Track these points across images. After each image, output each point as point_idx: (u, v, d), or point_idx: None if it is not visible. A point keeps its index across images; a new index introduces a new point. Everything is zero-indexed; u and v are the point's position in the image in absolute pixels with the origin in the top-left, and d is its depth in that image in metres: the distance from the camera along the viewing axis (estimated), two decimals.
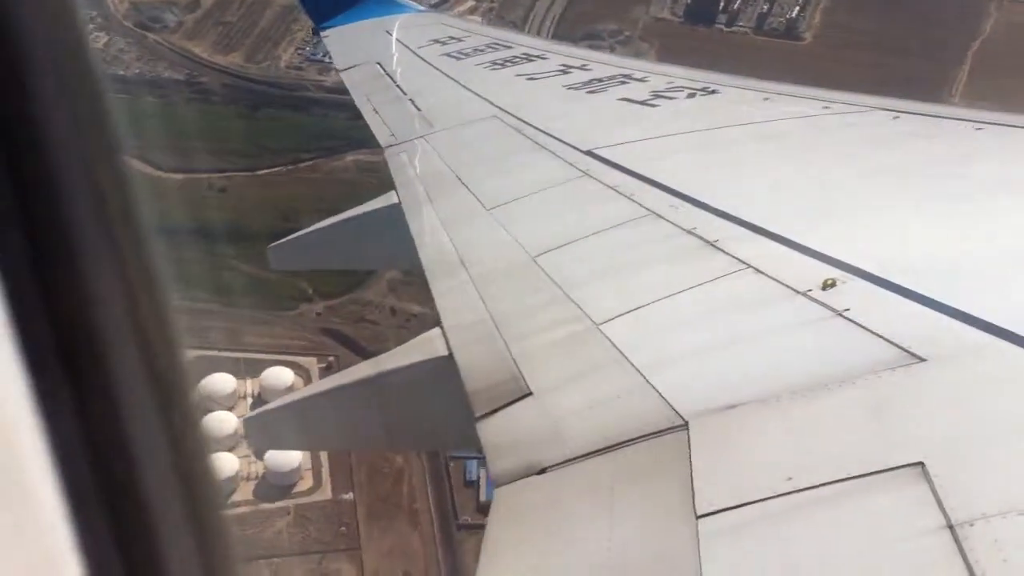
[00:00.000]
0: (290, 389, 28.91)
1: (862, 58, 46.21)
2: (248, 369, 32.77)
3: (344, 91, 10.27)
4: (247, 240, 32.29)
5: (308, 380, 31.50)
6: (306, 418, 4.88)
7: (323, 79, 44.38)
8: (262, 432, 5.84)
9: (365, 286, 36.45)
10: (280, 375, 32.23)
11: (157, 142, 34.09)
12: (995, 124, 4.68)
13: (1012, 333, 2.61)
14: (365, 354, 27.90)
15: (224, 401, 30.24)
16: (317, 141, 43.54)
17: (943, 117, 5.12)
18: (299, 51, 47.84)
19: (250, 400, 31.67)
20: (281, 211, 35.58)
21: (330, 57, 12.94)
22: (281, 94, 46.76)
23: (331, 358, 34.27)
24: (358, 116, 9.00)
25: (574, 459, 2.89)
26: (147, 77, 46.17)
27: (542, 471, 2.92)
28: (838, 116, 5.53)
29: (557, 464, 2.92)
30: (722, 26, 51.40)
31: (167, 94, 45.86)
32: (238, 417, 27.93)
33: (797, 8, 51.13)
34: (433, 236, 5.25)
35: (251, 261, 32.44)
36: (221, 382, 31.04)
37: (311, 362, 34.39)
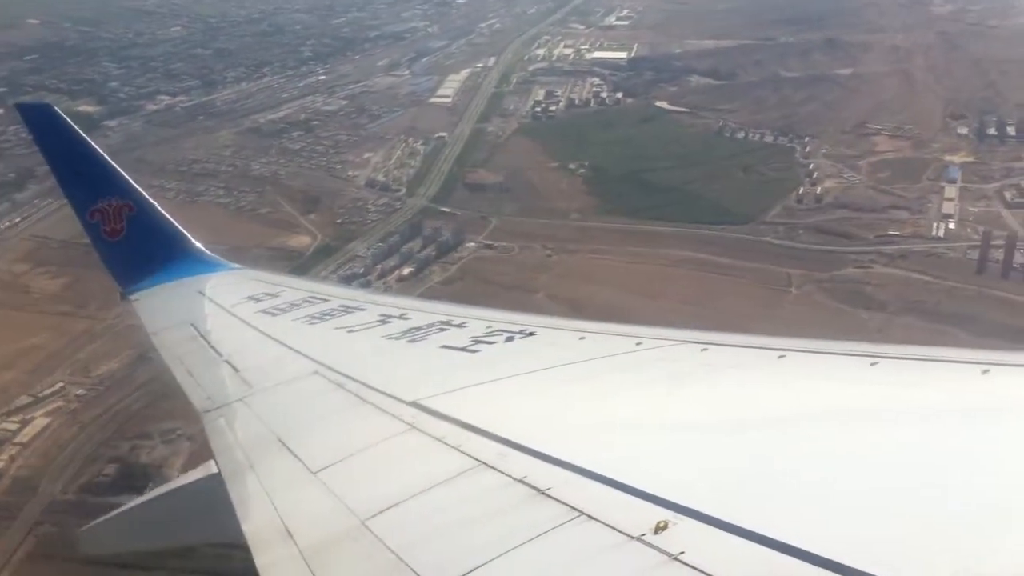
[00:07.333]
0: None
1: None
2: None
3: None
4: None
5: None
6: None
7: None
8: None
9: None
10: None
11: None
12: (797, 351, 5.01)
13: (849, 568, 2.65)
14: None
15: None
16: None
17: (749, 347, 5.38)
18: None
19: None
20: None
21: None
22: None
23: None
24: None
25: None
26: None
27: None
28: (650, 351, 5.79)
29: None
30: None
31: None
32: None
33: None
34: (256, 506, 4.96)
35: None
36: None
37: None
